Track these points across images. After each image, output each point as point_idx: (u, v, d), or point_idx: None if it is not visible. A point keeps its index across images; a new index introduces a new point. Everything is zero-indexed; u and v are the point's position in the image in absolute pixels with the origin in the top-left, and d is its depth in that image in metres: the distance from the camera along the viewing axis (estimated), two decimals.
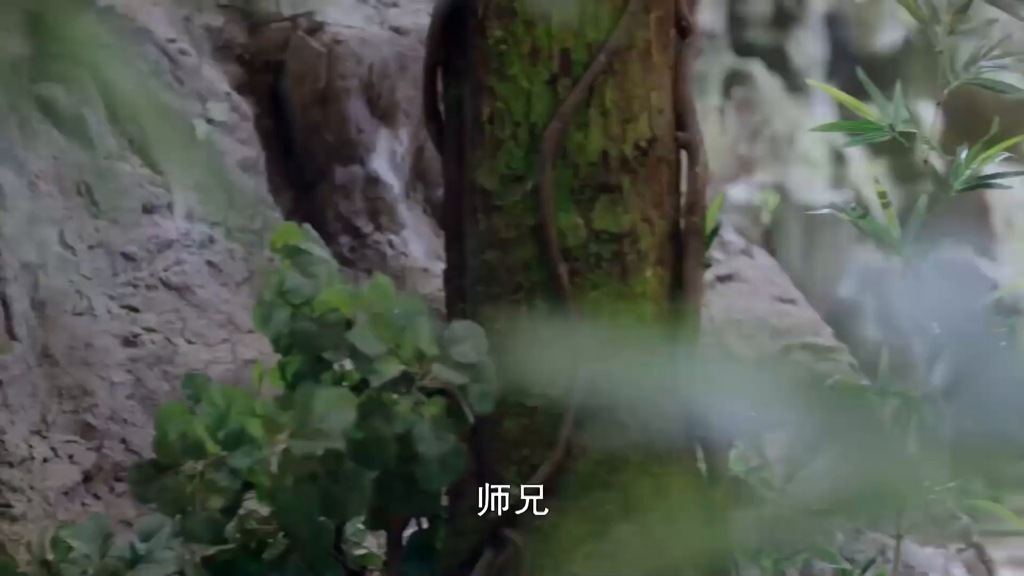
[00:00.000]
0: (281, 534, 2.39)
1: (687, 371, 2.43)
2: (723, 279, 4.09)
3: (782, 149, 15.51)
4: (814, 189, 15.47)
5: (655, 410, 2.42)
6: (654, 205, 2.42)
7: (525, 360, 2.35)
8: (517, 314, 2.37)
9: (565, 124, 2.37)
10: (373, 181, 3.60)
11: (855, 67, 12.78)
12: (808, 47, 15.56)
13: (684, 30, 2.48)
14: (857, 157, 16.40)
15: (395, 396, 2.26)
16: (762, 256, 4.33)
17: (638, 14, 2.41)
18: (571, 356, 2.34)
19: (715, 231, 2.51)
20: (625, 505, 2.35)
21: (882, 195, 2.90)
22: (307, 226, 2.41)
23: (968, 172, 2.87)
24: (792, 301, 4.15)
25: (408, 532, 2.45)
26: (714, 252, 4.49)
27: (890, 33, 15.08)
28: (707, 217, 2.45)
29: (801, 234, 9.47)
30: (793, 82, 15.69)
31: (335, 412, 2.20)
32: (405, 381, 2.27)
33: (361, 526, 2.50)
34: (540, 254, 2.36)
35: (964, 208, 16.58)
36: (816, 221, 9.18)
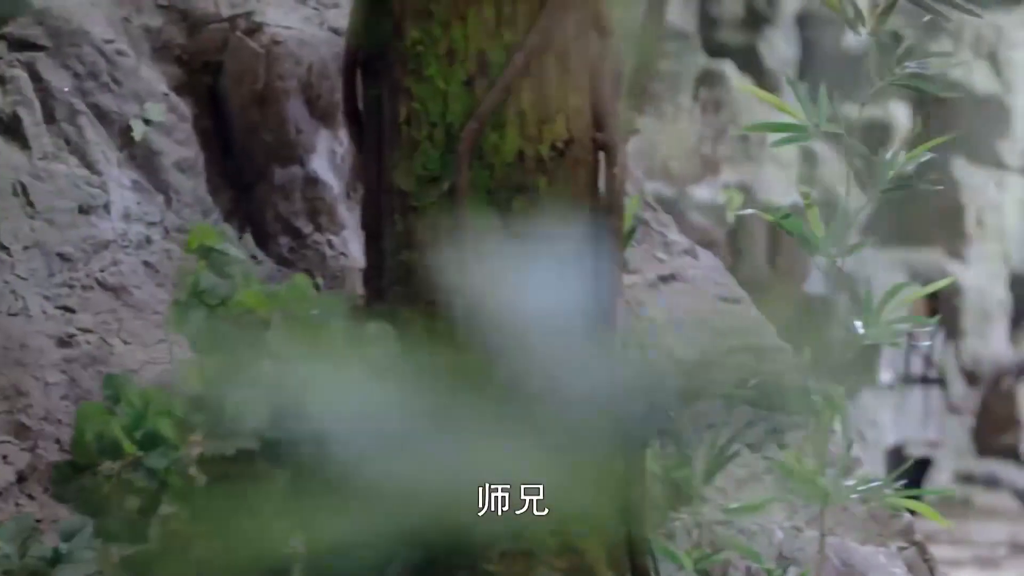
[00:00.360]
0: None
1: (604, 369, 2.44)
2: (665, 279, 4.10)
3: (753, 149, 15.54)
4: (783, 189, 15.51)
5: (578, 405, 2.44)
6: (571, 206, 2.43)
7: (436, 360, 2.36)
8: (434, 315, 2.38)
9: (481, 125, 2.37)
10: (312, 182, 3.60)
11: (827, 66, 12.90)
12: (779, 47, 15.60)
13: (603, 31, 2.48)
14: (827, 157, 16.44)
15: None
16: (706, 256, 4.34)
17: (555, 15, 2.41)
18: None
19: (632, 232, 2.52)
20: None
21: (805, 196, 2.92)
22: (225, 226, 2.42)
23: (892, 173, 2.88)
24: (736, 301, 4.16)
25: None
26: (657, 252, 4.52)
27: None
28: (624, 217, 2.46)
29: (767, 233, 9.48)
30: (765, 82, 15.73)
31: (248, 412, 2.21)
32: None
33: None
34: (457, 256, 2.37)
35: (937, 209, 16.60)
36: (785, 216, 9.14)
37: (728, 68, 15.22)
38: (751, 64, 15.41)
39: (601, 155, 2.46)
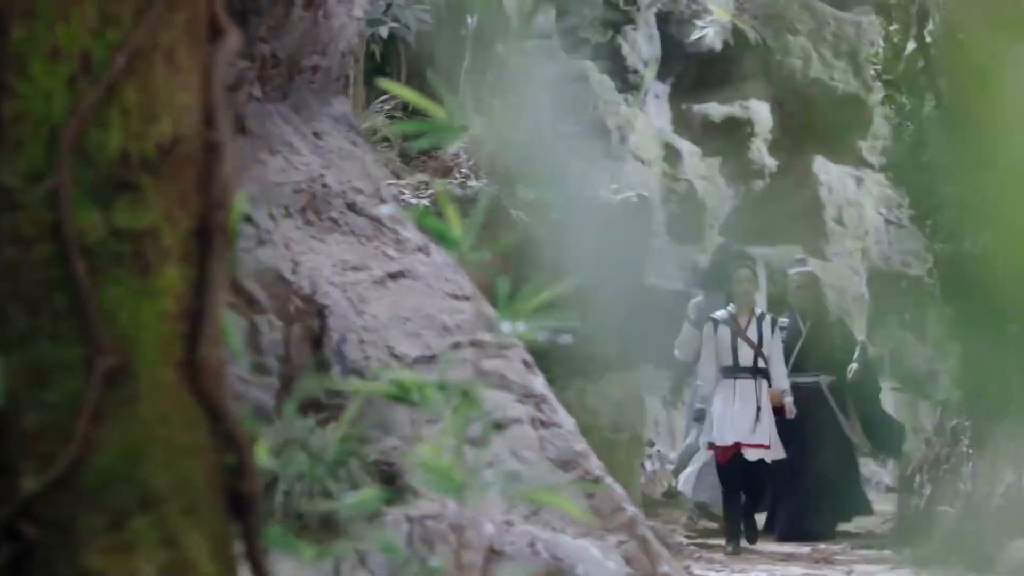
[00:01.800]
0: None
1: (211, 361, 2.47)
2: (394, 276, 4.12)
3: (615, 148, 15.63)
4: (644, 184, 15.59)
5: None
6: (178, 203, 2.46)
7: (40, 355, 2.38)
8: (39, 311, 2.40)
9: (83, 123, 2.40)
10: None
11: (687, 65, 12.99)
12: (640, 46, 15.71)
13: (217, 31, 2.52)
14: (691, 154, 16.54)
15: None
16: (438, 254, 4.38)
17: (163, 15, 2.44)
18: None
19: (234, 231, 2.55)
20: (143, 498, 2.39)
21: (441, 196, 2.96)
22: None
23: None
24: (466, 298, 4.19)
25: None
26: (387, 249, 4.55)
27: (721, 31, 15.24)
28: (231, 215, 2.49)
29: (600, 225, 9.51)
30: (626, 81, 15.83)
31: None
32: None
33: None
34: (59, 252, 2.40)
35: (798, 207, 16.77)
36: (612, 213, 9.25)
37: (589, 67, 15.33)
38: (612, 63, 15.53)
39: (210, 153, 2.49)
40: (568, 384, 8.87)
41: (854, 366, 12.11)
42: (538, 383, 4.24)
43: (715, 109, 16.37)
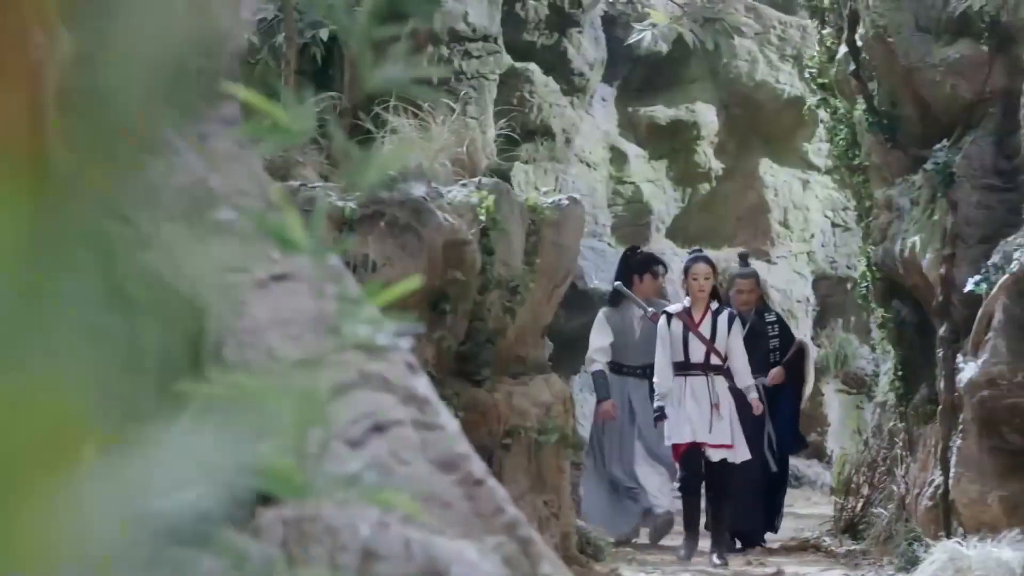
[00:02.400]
0: None
1: None
2: (277, 279, 4.11)
3: (559, 151, 15.64)
4: (589, 188, 15.61)
5: None
6: None
7: None
8: None
9: None
10: None
11: (633, 68, 13.00)
12: (586, 49, 15.73)
13: (48, 31, 2.51)
14: (637, 157, 16.57)
15: None
16: (328, 256, 4.36)
17: None
18: None
19: None
20: None
21: (281, 198, 2.96)
22: None
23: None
24: (355, 301, 4.16)
25: None
26: (271, 252, 4.54)
27: (666, 35, 15.25)
28: None
29: (530, 227, 9.48)
30: (572, 83, 15.85)
31: None
32: None
33: None
34: None
35: (744, 209, 16.81)
36: (542, 215, 9.22)
37: (533, 69, 15.34)
38: (557, 65, 15.55)
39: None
40: (496, 386, 8.87)
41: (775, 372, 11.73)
42: (421, 385, 4.24)
43: (661, 112, 16.42)
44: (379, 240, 8.27)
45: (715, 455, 10.50)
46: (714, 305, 10.74)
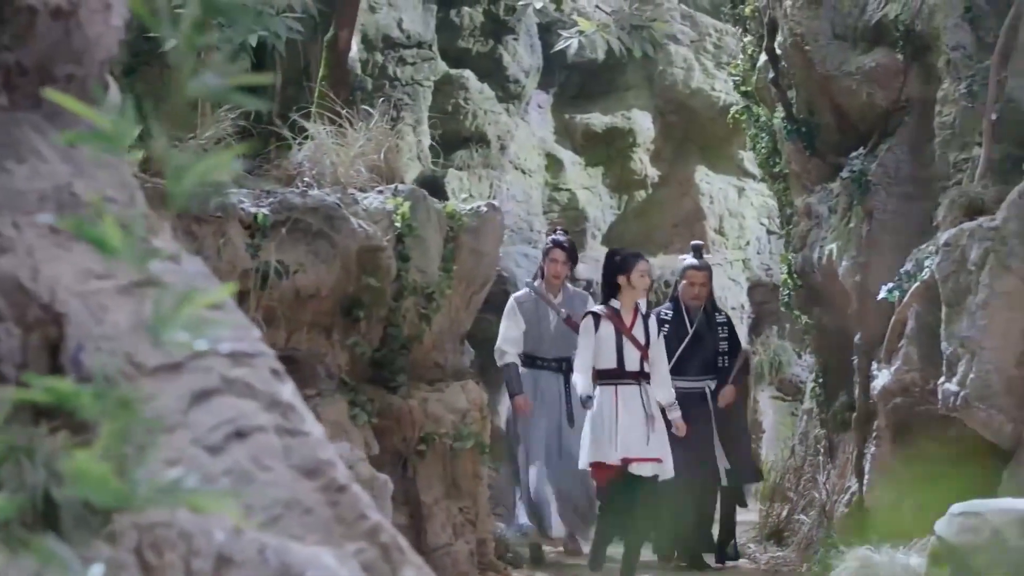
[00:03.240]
0: None
1: None
2: (141, 284, 4.09)
3: (494, 158, 15.63)
4: (523, 194, 15.60)
5: None
6: None
7: None
8: None
9: None
10: None
11: (569, 75, 13.01)
12: (521, 56, 15.73)
13: None
14: (573, 164, 16.57)
15: None
16: (192, 263, 4.34)
17: None
18: None
19: None
20: None
21: (98, 204, 2.95)
22: None
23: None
24: (220, 307, 4.17)
25: None
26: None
27: (601, 42, 15.26)
28: None
29: (448, 234, 9.47)
30: (507, 90, 15.84)
31: None
32: None
33: None
34: None
35: (679, 217, 16.83)
36: (460, 222, 9.21)
37: (468, 76, 15.34)
38: (492, 72, 15.55)
39: None
40: (411, 392, 8.86)
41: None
42: (286, 391, 4.23)
43: (597, 119, 16.42)
44: (291, 246, 8.25)
45: (649, 470, 9.41)
46: (641, 306, 9.87)
